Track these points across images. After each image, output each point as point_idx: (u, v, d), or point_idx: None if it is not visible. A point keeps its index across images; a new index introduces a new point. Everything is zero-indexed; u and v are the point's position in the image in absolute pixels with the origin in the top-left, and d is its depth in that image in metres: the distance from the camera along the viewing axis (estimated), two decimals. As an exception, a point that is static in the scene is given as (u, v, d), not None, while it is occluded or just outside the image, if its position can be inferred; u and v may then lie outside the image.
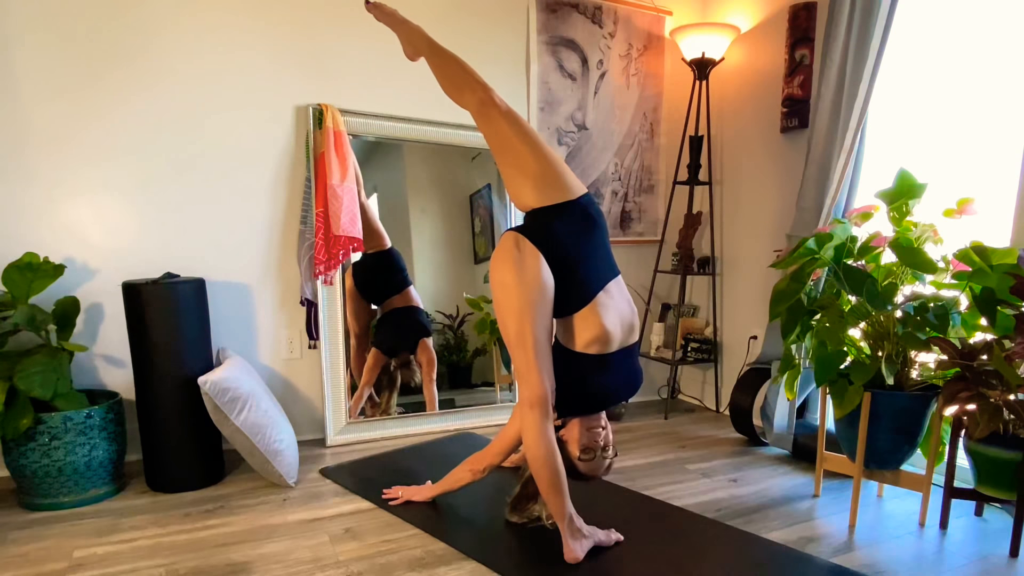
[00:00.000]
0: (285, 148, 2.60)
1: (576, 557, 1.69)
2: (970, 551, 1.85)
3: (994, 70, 2.21)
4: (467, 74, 1.81)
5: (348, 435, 2.67)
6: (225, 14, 2.44)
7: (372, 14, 2.02)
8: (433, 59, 1.88)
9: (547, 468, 1.63)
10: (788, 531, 1.95)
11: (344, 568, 1.68)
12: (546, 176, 1.73)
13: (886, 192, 2.05)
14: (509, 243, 1.68)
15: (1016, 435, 1.81)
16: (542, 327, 1.63)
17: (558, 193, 1.72)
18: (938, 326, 1.88)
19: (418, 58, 2.01)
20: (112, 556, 1.73)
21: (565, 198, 1.73)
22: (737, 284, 3.22)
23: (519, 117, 1.77)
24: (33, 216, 2.25)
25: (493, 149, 1.79)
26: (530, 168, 1.73)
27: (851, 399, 1.95)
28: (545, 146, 1.75)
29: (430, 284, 2.91)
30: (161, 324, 2.11)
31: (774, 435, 2.63)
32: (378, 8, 1.99)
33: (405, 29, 1.97)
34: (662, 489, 2.25)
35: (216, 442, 2.26)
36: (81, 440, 2.02)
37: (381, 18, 2.01)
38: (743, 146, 3.16)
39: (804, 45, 2.76)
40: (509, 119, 1.75)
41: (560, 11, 3.04)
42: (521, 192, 1.76)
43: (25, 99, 2.20)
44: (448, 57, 1.85)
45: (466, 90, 1.79)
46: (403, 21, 1.98)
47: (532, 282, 1.63)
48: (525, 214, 1.78)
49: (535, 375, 1.61)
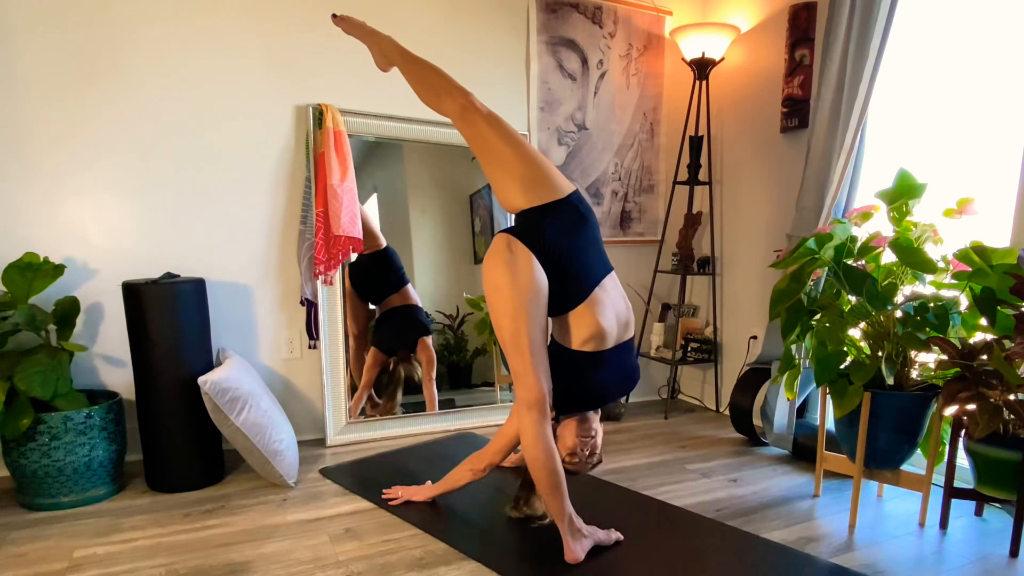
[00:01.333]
0: (285, 148, 2.60)
1: (576, 557, 1.69)
2: (970, 551, 1.85)
3: (994, 70, 2.21)
4: (445, 80, 1.79)
5: (348, 435, 2.67)
6: (225, 14, 2.44)
7: (340, 27, 2.01)
8: (407, 67, 1.86)
9: (545, 469, 1.63)
10: (788, 531, 1.95)
11: (344, 568, 1.68)
12: (533, 177, 1.71)
13: (886, 192, 2.05)
14: (501, 245, 1.67)
15: (1016, 435, 1.81)
16: (537, 328, 1.63)
17: (546, 192, 1.71)
18: (938, 326, 1.88)
19: (390, 68, 1.99)
20: (112, 556, 1.73)
21: (554, 197, 1.71)
22: (737, 284, 3.22)
23: (500, 120, 1.75)
24: (33, 216, 2.26)
25: (477, 153, 1.77)
26: (516, 170, 1.71)
27: (851, 399, 1.95)
28: (529, 147, 1.74)
29: (430, 284, 2.91)
30: (161, 324, 2.11)
31: (774, 435, 2.63)
32: (345, 21, 1.99)
33: (375, 40, 1.95)
34: (662, 489, 2.25)
35: (216, 442, 2.26)
36: (81, 440, 2.02)
37: (349, 30, 2.00)
38: (743, 146, 3.16)
39: (804, 45, 2.76)
40: (491, 122, 1.73)
41: (560, 11, 3.04)
42: (509, 194, 1.74)
43: (25, 99, 2.20)
44: (423, 65, 1.83)
45: (444, 96, 1.77)
46: (372, 32, 1.96)
47: (526, 283, 1.62)
48: (515, 215, 1.77)
49: (532, 376, 1.61)
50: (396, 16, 2.72)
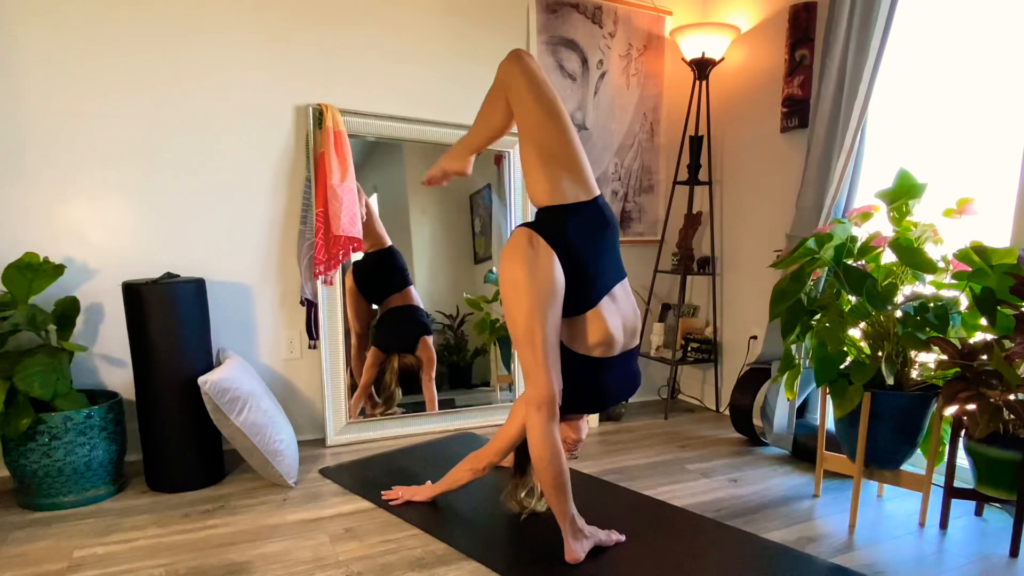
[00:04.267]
0: (285, 148, 2.60)
1: (577, 557, 1.69)
2: (970, 551, 1.85)
3: (994, 70, 2.21)
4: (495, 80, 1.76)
5: (348, 435, 2.67)
6: (225, 14, 2.43)
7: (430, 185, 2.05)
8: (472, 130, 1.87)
9: (551, 468, 1.62)
10: (788, 531, 1.95)
11: (344, 568, 1.68)
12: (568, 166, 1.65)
13: (886, 192, 2.05)
14: (522, 239, 1.63)
15: (1016, 435, 1.81)
16: (552, 327, 1.60)
17: (576, 191, 1.68)
18: (938, 326, 1.88)
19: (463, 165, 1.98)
20: (112, 556, 1.73)
21: (581, 198, 1.68)
22: (737, 284, 3.22)
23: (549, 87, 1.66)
24: (33, 216, 2.25)
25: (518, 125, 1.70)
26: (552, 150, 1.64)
27: (851, 399, 1.95)
28: (574, 133, 1.68)
29: (430, 284, 2.91)
30: (161, 324, 2.11)
31: (774, 435, 2.63)
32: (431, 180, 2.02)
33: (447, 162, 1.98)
34: (662, 489, 2.25)
35: (216, 442, 2.26)
36: (81, 440, 2.02)
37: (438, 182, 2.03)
38: (743, 146, 3.16)
39: (804, 45, 2.76)
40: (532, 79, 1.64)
41: (560, 11, 3.04)
42: (538, 181, 1.68)
43: (25, 99, 2.20)
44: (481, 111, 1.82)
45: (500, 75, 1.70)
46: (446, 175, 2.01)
47: (544, 280, 1.59)
48: (538, 210, 1.73)
49: (543, 375, 1.59)
50: (396, 16, 2.72)
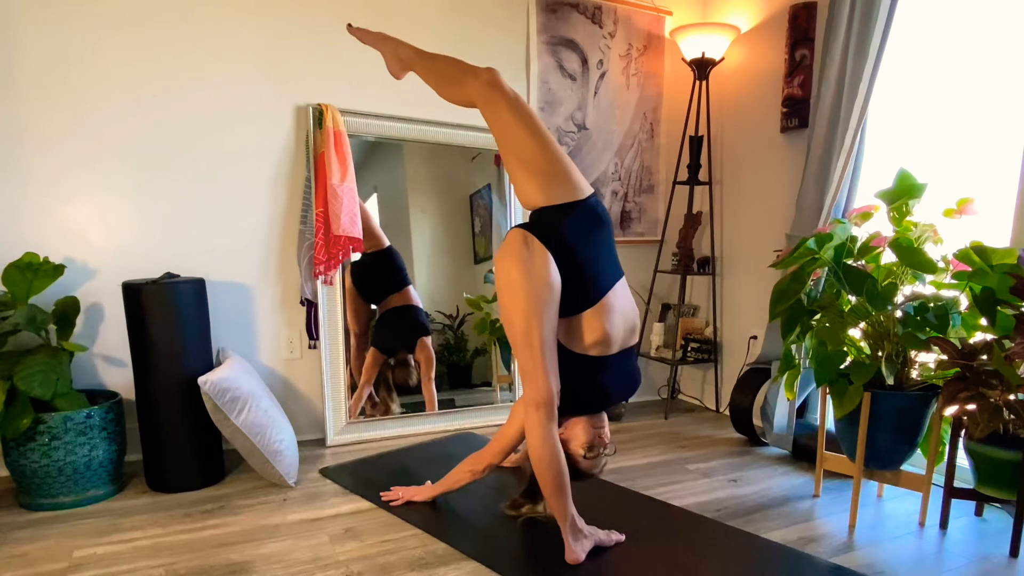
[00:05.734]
0: (285, 148, 2.60)
1: (577, 558, 1.69)
2: (970, 551, 1.85)
3: (994, 70, 2.21)
4: (464, 65, 1.77)
5: (348, 435, 2.67)
6: (225, 14, 2.43)
7: (355, 36, 2.02)
8: (425, 65, 1.84)
9: (551, 469, 1.62)
10: (788, 531, 1.95)
11: (344, 568, 1.68)
12: (553, 172, 1.67)
13: (886, 192, 2.05)
14: (517, 240, 1.63)
15: (1016, 435, 1.81)
16: (549, 327, 1.60)
17: (566, 191, 1.68)
18: (938, 326, 1.88)
19: (404, 74, 1.98)
20: (112, 556, 1.73)
21: (573, 197, 1.69)
22: (737, 284, 3.22)
23: (525, 106, 1.70)
24: (33, 216, 2.25)
25: (498, 141, 1.72)
26: (536, 163, 1.67)
27: (851, 399, 1.95)
28: (552, 141, 1.70)
29: (430, 284, 2.91)
30: (161, 324, 2.11)
31: (774, 435, 2.63)
32: (360, 31, 1.99)
33: (391, 45, 1.94)
34: (662, 489, 2.25)
35: (216, 442, 2.26)
36: (81, 440, 2.02)
37: (365, 39, 2.00)
38: (743, 146, 3.16)
39: (804, 45, 2.76)
40: (513, 105, 1.68)
41: (560, 11, 3.04)
42: (527, 190, 1.70)
43: (25, 99, 2.20)
44: (440, 58, 1.82)
45: (467, 78, 1.73)
46: (387, 38, 1.96)
47: (540, 281, 1.59)
48: (532, 212, 1.73)
49: (541, 376, 1.59)
50: (395, 16, 2.72)
